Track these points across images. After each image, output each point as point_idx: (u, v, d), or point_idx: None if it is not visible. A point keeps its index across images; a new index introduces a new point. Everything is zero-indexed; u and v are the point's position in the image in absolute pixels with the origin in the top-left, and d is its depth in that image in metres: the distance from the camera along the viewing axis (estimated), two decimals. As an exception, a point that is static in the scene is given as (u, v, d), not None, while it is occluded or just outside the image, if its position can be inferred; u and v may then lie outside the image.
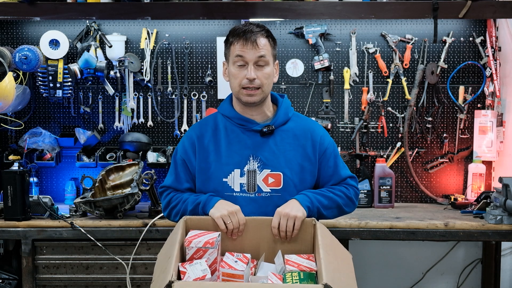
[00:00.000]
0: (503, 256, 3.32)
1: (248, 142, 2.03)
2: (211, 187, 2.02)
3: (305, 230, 1.91)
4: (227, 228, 1.88)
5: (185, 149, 2.09)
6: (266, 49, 1.98)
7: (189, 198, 2.03)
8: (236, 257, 1.78)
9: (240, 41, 1.97)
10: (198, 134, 2.09)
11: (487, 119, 3.20)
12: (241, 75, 1.98)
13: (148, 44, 3.26)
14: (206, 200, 1.97)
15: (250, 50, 1.96)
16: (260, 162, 2.01)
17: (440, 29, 3.16)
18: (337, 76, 3.32)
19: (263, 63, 1.98)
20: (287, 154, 2.03)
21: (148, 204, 2.84)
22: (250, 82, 1.97)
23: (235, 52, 1.98)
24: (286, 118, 2.09)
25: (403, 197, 3.36)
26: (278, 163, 2.02)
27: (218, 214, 1.89)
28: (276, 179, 2.01)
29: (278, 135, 2.05)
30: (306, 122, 2.14)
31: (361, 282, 3.39)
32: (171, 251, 1.72)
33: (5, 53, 2.98)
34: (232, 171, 2.01)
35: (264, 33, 2.00)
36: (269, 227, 1.90)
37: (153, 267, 1.92)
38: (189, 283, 1.63)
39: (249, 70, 1.96)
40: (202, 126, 2.12)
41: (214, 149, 2.04)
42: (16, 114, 3.30)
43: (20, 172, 2.67)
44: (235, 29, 2.02)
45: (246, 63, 1.97)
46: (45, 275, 2.69)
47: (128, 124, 3.32)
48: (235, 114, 2.06)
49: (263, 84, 1.99)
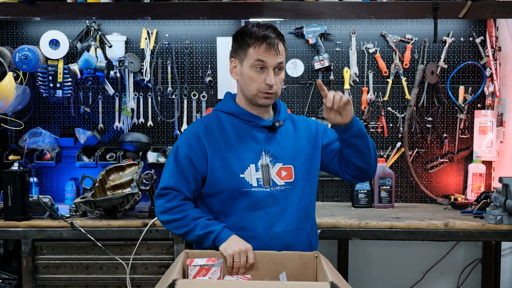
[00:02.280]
0: (503, 256, 3.32)
1: (259, 137, 2.04)
2: (227, 184, 1.98)
3: (307, 264, 1.89)
4: (234, 267, 1.88)
5: (192, 147, 2.02)
6: (284, 55, 2.02)
7: (199, 220, 1.97)
8: (237, 278, 1.78)
9: (262, 45, 1.96)
10: (205, 131, 2.04)
11: (487, 119, 3.20)
12: (260, 79, 1.98)
13: (148, 44, 3.26)
14: (220, 232, 1.94)
15: (273, 56, 1.97)
16: (272, 157, 2.02)
17: (440, 29, 3.16)
18: (337, 76, 3.32)
19: (280, 69, 2.01)
20: (293, 147, 2.07)
21: (148, 204, 2.84)
22: (270, 87, 1.98)
23: (256, 56, 1.97)
24: (285, 116, 2.13)
25: (403, 197, 3.36)
26: (288, 156, 2.04)
27: (231, 251, 1.88)
28: (288, 172, 2.03)
29: (282, 130, 2.09)
30: (300, 117, 2.21)
31: (361, 282, 3.43)
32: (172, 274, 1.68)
33: (5, 53, 2.98)
34: (248, 167, 2.00)
35: (282, 38, 2.02)
36: (271, 261, 1.89)
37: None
38: (192, 281, 1.63)
39: (270, 76, 1.97)
40: (207, 123, 2.07)
41: (226, 146, 2.01)
42: (16, 114, 3.30)
43: (20, 172, 2.67)
44: (252, 31, 1.99)
45: (266, 68, 1.98)
46: (45, 275, 2.69)
47: (128, 124, 3.32)
48: (243, 111, 2.06)
49: (278, 89, 2.02)
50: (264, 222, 2.00)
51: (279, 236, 2.01)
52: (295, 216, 2.04)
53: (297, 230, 2.04)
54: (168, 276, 1.71)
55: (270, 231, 2.00)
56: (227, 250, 1.89)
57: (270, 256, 1.90)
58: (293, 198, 2.03)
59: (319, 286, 1.60)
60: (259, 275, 1.88)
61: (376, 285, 3.45)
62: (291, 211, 2.03)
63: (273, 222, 2.01)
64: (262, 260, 1.90)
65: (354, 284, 2.94)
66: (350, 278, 3.36)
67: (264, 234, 1.99)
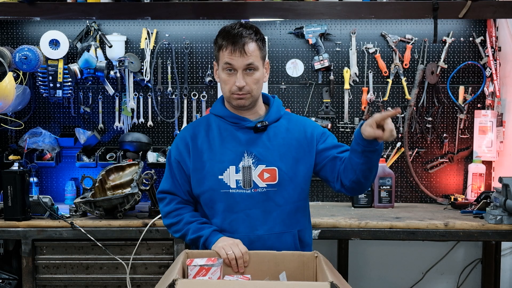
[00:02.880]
0: (503, 256, 3.32)
1: (241, 139, 2.03)
2: (207, 186, 2.01)
3: (307, 264, 1.88)
4: (229, 259, 1.87)
5: (179, 150, 2.07)
6: (254, 55, 1.97)
7: (191, 224, 2.02)
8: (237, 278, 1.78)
9: (228, 48, 1.95)
10: (192, 135, 2.08)
11: (487, 119, 3.20)
12: (231, 81, 1.97)
13: (148, 44, 3.26)
14: (209, 235, 1.96)
15: (239, 58, 1.95)
16: (254, 158, 2.01)
17: (440, 29, 3.16)
18: (337, 76, 3.32)
19: (252, 69, 1.98)
20: (280, 148, 2.03)
21: (148, 204, 2.84)
22: (239, 89, 1.97)
23: (224, 59, 1.97)
24: (278, 115, 2.09)
25: (403, 197, 3.36)
26: (273, 158, 2.01)
27: (221, 244, 1.90)
28: (272, 174, 2.01)
29: (271, 130, 2.05)
30: (298, 118, 2.16)
31: (361, 282, 3.43)
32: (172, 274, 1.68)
33: (5, 53, 2.98)
34: (227, 168, 2.00)
35: (253, 36, 1.97)
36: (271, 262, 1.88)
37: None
38: (192, 281, 1.63)
39: (238, 78, 1.96)
40: (195, 127, 2.11)
41: (208, 148, 2.04)
42: (16, 114, 3.30)
43: (20, 172, 2.67)
44: (224, 30, 1.99)
45: (235, 70, 1.97)
46: (45, 275, 2.69)
47: (128, 124, 3.32)
48: (228, 113, 2.06)
49: (252, 89, 1.99)
50: (245, 225, 2.00)
51: (260, 239, 2.00)
52: (279, 220, 2.01)
53: (281, 233, 2.02)
54: (168, 276, 1.71)
55: (251, 234, 1.99)
56: (217, 246, 1.90)
57: (270, 256, 1.90)
58: (278, 200, 2.00)
59: (319, 286, 1.59)
60: (259, 275, 1.87)
61: (376, 285, 3.45)
62: (275, 214, 2.00)
63: (254, 224, 2.00)
64: (262, 260, 1.89)
65: (354, 284, 2.94)
66: (350, 278, 3.36)
67: (245, 237, 1.98)
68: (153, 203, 2.79)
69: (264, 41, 2.03)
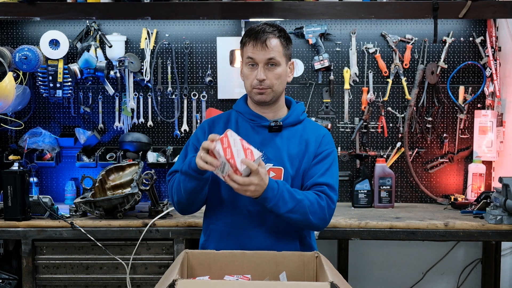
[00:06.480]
0: (503, 256, 3.32)
1: (255, 138, 2.05)
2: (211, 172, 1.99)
3: (307, 264, 1.88)
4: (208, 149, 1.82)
5: (197, 136, 2.13)
6: (276, 50, 2.00)
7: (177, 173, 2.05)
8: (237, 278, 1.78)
9: (251, 42, 2.00)
10: (210, 123, 2.15)
11: (487, 119, 3.20)
12: (252, 75, 2.01)
13: (148, 44, 3.26)
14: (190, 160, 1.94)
15: (260, 51, 1.98)
16: (264, 156, 2.03)
17: (440, 29, 3.16)
18: (337, 76, 3.32)
19: (274, 64, 2.01)
20: (290, 150, 2.05)
21: (148, 204, 2.84)
22: (260, 83, 2.00)
23: (247, 54, 2.01)
24: (297, 119, 2.11)
25: (403, 197, 3.36)
26: (281, 158, 2.04)
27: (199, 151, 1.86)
28: (277, 174, 2.03)
29: (286, 133, 2.08)
30: (317, 126, 2.16)
31: (361, 282, 3.43)
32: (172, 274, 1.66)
33: (5, 53, 2.98)
34: None
35: (276, 33, 2.01)
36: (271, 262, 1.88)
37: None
38: (192, 281, 1.62)
39: (259, 71, 1.99)
40: (216, 119, 2.18)
41: None
42: (16, 114, 3.30)
43: (20, 172, 2.67)
44: (249, 29, 2.05)
45: (257, 64, 2.00)
46: (45, 275, 2.69)
47: (128, 124, 3.32)
48: (248, 110, 2.10)
49: (273, 84, 2.02)
50: (246, 221, 2.01)
51: (259, 236, 2.01)
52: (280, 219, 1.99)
53: (282, 232, 2.03)
54: (168, 276, 1.71)
55: (250, 230, 2.01)
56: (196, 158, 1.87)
57: (270, 256, 1.90)
58: None
59: (319, 286, 1.59)
60: (259, 275, 1.88)
61: (376, 285, 3.45)
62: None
63: (255, 221, 2.01)
64: (262, 260, 1.89)
65: (354, 284, 2.94)
66: (350, 278, 3.36)
67: (244, 232, 2.00)
68: (153, 203, 2.79)
69: (289, 40, 2.07)
